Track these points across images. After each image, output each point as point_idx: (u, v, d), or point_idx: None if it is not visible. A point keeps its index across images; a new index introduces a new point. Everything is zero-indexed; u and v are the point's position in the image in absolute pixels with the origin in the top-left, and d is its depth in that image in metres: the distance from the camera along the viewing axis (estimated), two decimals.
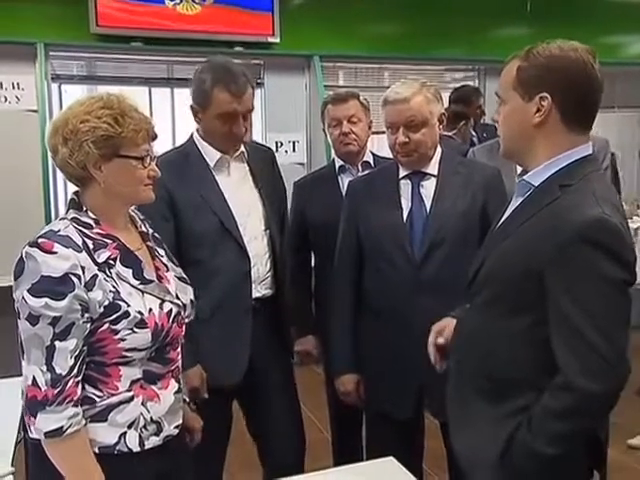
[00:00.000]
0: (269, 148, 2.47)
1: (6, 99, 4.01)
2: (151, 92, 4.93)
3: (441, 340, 1.63)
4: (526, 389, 1.34)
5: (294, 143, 4.73)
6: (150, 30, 4.24)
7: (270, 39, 4.42)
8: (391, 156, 2.28)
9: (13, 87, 4.00)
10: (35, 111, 4.00)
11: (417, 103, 1.92)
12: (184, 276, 1.61)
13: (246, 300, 2.09)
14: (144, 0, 4.21)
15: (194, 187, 2.05)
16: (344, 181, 2.52)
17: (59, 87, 4.55)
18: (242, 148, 2.17)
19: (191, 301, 1.59)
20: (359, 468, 1.71)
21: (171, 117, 4.99)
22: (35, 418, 1.34)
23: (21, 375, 2.21)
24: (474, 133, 4.21)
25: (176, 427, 1.53)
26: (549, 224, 1.30)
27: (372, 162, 2.55)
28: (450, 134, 3.78)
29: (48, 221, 3.94)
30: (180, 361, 1.57)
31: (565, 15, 4.97)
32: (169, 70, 4.90)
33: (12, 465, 1.69)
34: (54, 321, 1.33)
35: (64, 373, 1.34)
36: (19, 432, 1.84)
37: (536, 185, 1.39)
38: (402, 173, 2.03)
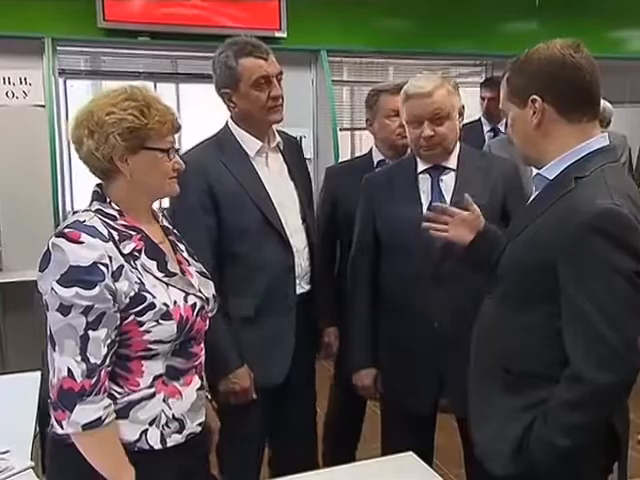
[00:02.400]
0: (294, 137, 2.38)
1: (14, 94, 3.99)
2: (156, 87, 4.92)
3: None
4: (543, 382, 1.36)
5: (301, 138, 4.70)
6: (157, 24, 4.22)
7: (277, 34, 4.39)
8: None
9: (20, 82, 3.99)
10: (42, 106, 3.99)
11: (441, 96, 1.91)
12: (204, 271, 1.60)
13: (291, 297, 2.04)
14: None
15: (235, 178, 2.00)
16: None
17: (64, 82, 4.54)
18: (278, 138, 2.13)
19: (213, 296, 1.57)
20: (380, 463, 1.71)
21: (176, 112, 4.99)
22: (71, 411, 1.32)
23: (36, 370, 2.25)
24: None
25: (199, 424, 1.51)
26: (562, 216, 1.32)
27: None
28: None
29: (56, 216, 3.94)
30: (203, 357, 1.55)
31: (574, 9, 4.94)
32: (174, 65, 4.89)
33: (31, 459, 1.69)
34: (86, 310, 1.32)
35: (99, 362, 1.33)
36: (36, 426, 1.85)
37: (551, 178, 1.41)
38: (421, 167, 2.02)
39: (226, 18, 4.35)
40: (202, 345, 1.54)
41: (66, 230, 1.35)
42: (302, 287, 2.10)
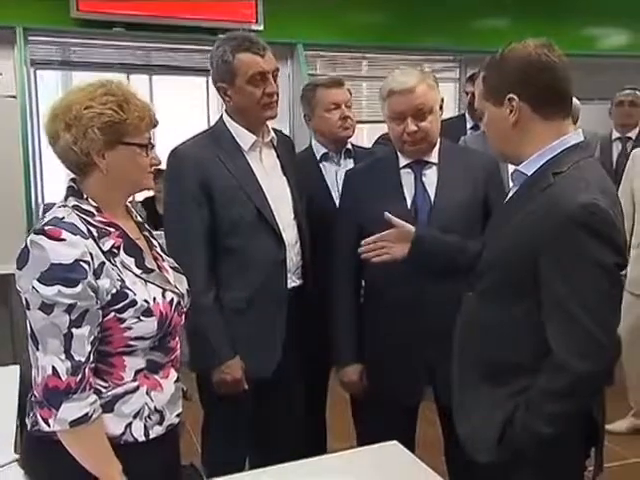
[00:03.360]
0: (288, 136, 2.41)
1: None
2: (129, 78, 4.87)
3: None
4: (524, 372, 1.39)
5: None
6: (132, 16, 4.18)
7: (253, 26, 4.38)
8: (366, 146, 2.30)
9: None
10: (14, 97, 3.92)
11: (423, 91, 1.92)
12: (177, 266, 1.60)
13: (282, 290, 2.06)
14: None
15: (229, 172, 2.01)
16: (327, 169, 2.53)
17: (34, 72, 4.45)
18: (272, 133, 2.14)
19: (187, 291, 1.58)
20: (364, 452, 1.73)
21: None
22: (57, 409, 1.31)
23: (13, 364, 2.22)
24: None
25: (177, 416, 1.53)
26: (542, 211, 1.34)
27: (352, 150, 2.57)
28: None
29: (29, 208, 3.88)
30: (179, 350, 1.56)
31: (544, 6, 5.03)
32: (147, 56, 4.84)
33: (15, 452, 1.67)
34: (69, 308, 1.30)
35: (83, 360, 1.33)
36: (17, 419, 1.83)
37: (529, 174, 1.44)
38: (403, 162, 2.03)
39: (202, 10, 4.32)
40: (177, 339, 1.55)
41: (46, 227, 1.33)
42: (294, 281, 2.12)
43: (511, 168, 1.54)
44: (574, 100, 1.49)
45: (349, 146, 2.57)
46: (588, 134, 1.55)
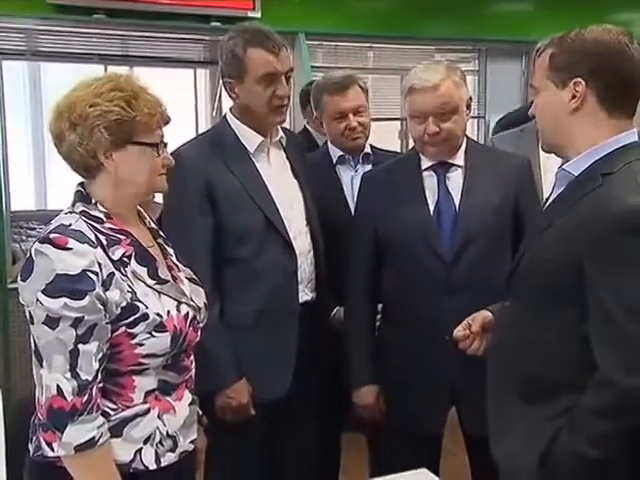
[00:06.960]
0: (298, 135, 2.48)
1: None
2: (106, 70, 4.92)
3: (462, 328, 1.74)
4: (566, 389, 1.44)
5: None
6: (115, 1, 4.23)
7: (250, 13, 4.44)
8: (387, 148, 2.37)
9: None
10: None
11: (447, 89, 1.97)
12: (194, 277, 1.66)
13: (292, 303, 2.11)
14: None
15: (234, 176, 2.06)
16: (342, 173, 2.58)
17: None
18: (281, 132, 2.19)
19: (204, 304, 1.63)
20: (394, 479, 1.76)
21: None
22: (62, 432, 1.36)
23: None
24: None
25: (191, 442, 1.58)
26: (590, 214, 1.39)
27: (371, 154, 2.61)
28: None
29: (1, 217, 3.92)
30: (194, 370, 1.61)
31: None
32: (128, 46, 4.89)
33: None
34: (75, 322, 1.36)
35: (90, 379, 1.38)
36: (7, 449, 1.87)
37: (577, 174, 1.48)
38: (425, 164, 2.08)
39: None
40: (192, 358, 1.60)
41: (52, 235, 1.39)
42: (306, 294, 2.17)
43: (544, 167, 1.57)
44: None
45: (368, 150, 2.60)
46: None
